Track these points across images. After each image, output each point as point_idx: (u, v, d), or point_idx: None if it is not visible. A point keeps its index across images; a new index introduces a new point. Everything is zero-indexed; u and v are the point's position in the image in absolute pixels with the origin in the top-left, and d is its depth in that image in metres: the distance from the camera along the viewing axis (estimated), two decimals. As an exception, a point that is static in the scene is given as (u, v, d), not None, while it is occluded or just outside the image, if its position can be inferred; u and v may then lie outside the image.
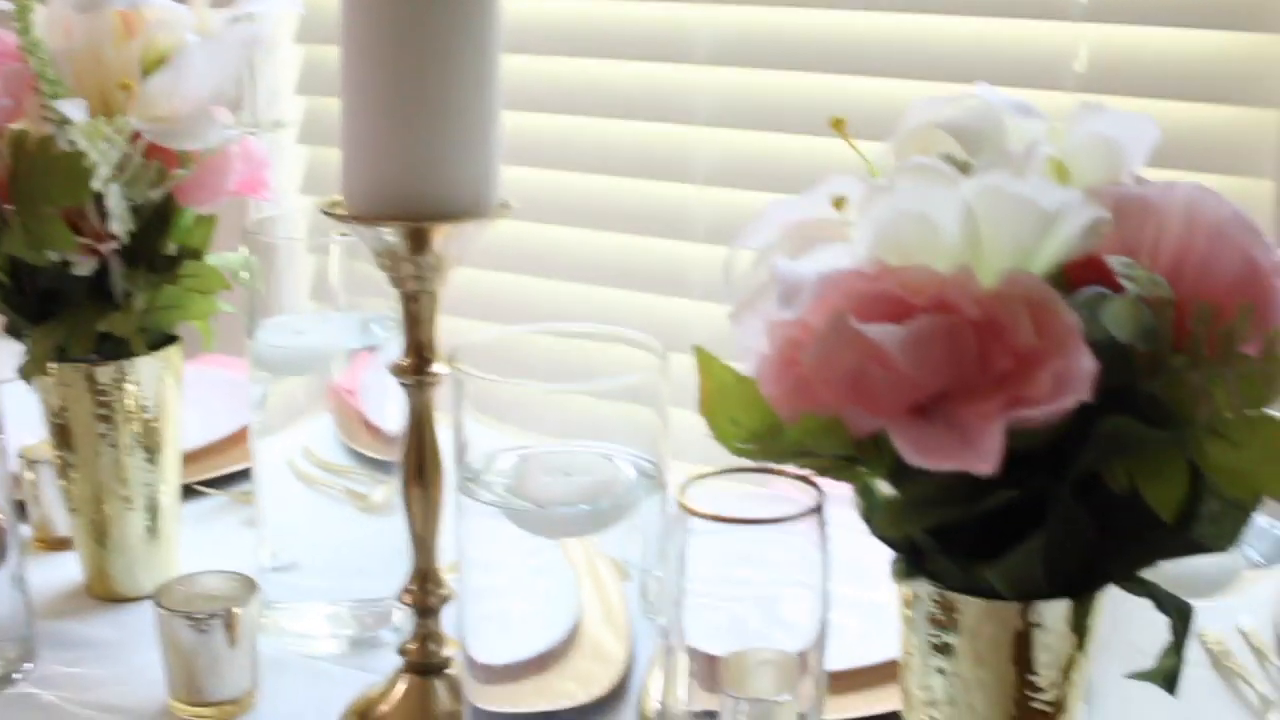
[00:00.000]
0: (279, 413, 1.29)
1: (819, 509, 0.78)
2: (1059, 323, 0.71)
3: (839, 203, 0.79)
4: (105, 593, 1.37)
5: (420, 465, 1.09)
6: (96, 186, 1.20)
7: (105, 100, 1.23)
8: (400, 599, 1.13)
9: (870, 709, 1.17)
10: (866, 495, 0.83)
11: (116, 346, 1.30)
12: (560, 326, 0.98)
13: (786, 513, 0.77)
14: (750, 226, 0.85)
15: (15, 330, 1.31)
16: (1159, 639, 0.82)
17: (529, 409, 0.95)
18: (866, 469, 0.77)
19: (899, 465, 0.73)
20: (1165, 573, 0.88)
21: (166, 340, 1.34)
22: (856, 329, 0.71)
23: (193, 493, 1.58)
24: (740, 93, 2.10)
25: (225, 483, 1.61)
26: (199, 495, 1.58)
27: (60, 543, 1.45)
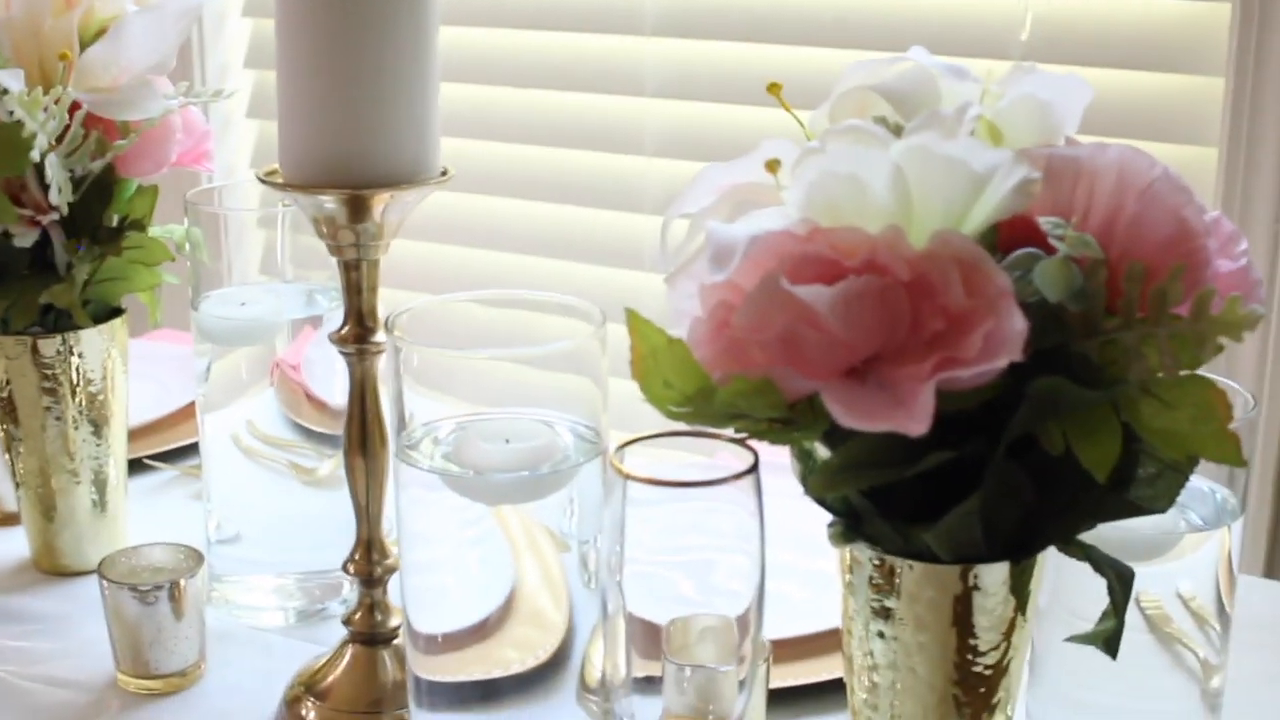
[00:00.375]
0: (223, 386, 1.29)
1: (753, 471, 0.78)
2: (990, 283, 0.71)
3: (772, 166, 0.79)
4: (53, 567, 1.37)
5: (363, 435, 1.08)
6: (36, 157, 1.20)
7: (44, 71, 1.22)
8: (345, 569, 1.12)
9: (816, 677, 1.18)
10: (804, 459, 0.83)
11: (60, 319, 1.30)
12: (498, 293, 0.98)
13: (720, 475, 0.77)
14: (686, 192, 0.85)
15: (-44, 302, 1.30)
16: (1100, 606, 0.82)
17: (469, 377, 0.94)
18: (801, 432, 0.76)
19: (833, 427, 0.73)
20: (1105, 537, 0.88)
21: (111, 313, 1.33)
22: (787, 290, 0.70)
23: (143, 467, 1.58)
24: (689, 64, 2.10)
25: (175, 457, 1.61)
26: (149, 469, 1.58)
27: (7, 517, 1.45)
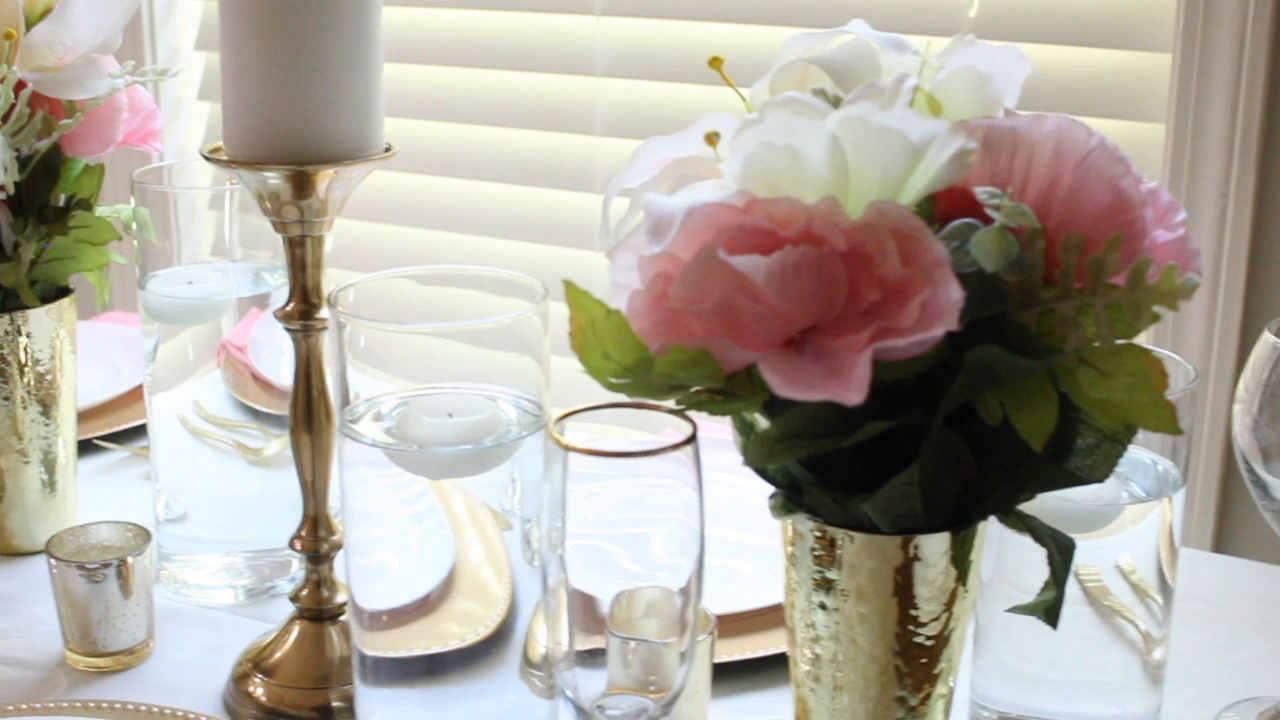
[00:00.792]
0: (170, 367, 1.29)
1: (691, 442, 0.78)
2: (926, 253, 0.71)
3: (711, 139, 0.79)
4: (3, 547, 1.37)
5: (308, 412, 1.08)
6: (-20, 136, 1.20)
7: (-11, 50, 1.22)
8: (292, 546, 1.12)
9: (763, 650, 1.18)
10: (745, 430, 0.83)
11: (8, 299, 1.30)
12: (439, 269, 0.98)
13: (661, 445, 0.77)
14: (627, 167, 0.85)
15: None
16: (1042, 578, 0.82)
17: (413, 354, 0.94)
18: (740, 403, 0.77)
19: (773, 398, 0.74)
20: (1047, 508, 0.88)
21: (59, 293, 1.33)
22: (724, 261, 0.71)
23: (94, 448, 1.58)
24: (639, 43, 2.10)
25: (126, 438, 1.61)
26: (100, 450, 1.58)
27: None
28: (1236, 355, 1.71)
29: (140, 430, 1.59)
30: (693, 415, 0.79)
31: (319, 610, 1.13)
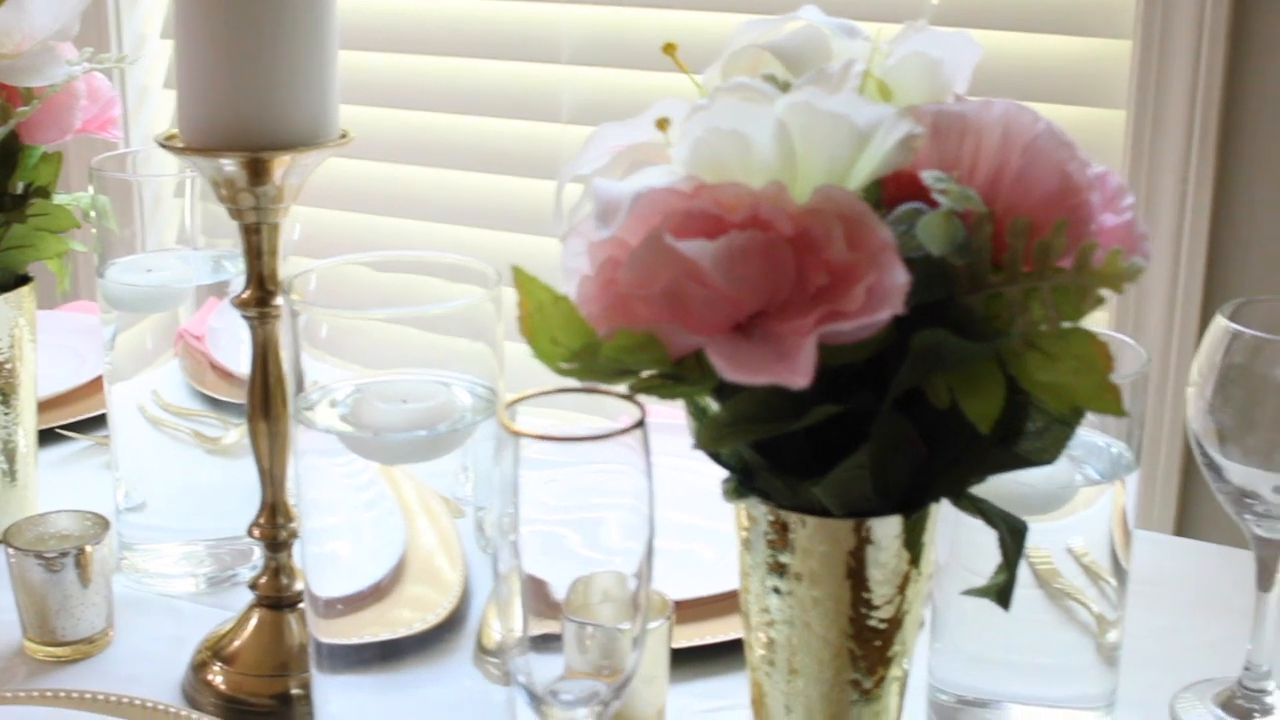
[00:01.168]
0: (129, 356, 1.29)
1: (640, 425, 0.78)
2: (872, 237, 0.72)
3: (662, 124, 0.79)
4: (-38, 536, 1.36)
5: (265, 399, 1.08)
6: (-63, 124, 1.19)
7: (-55, 37, 1.22)
8: (250, 533, 1.12)
9: (724, 635, 1.19)
10: (698, 415, 0.84)
11: (-34, 288, 1.29)
12: (393, 255, 0.98)
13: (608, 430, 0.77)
14: (581, 153, 0.85)
15: None
16: (997, 561, 0.83)
17: (367, 341, 0.94)
18: (690, 387, 0.77)
19: (723, 383, 0.74)
20: (1001, 491, 0.88)
21: (18, 281, 1.33)
22: (671, 245, 0.71)
23: (57, 437, 1.57)
24: (607, 31, 2.10)
25: (89, 427, 1.61)
26: (63, 439, 1.58)
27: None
28: (1196, 339, 1.71)
29: (103, 419, 1.59)
30: (649, 401, 0.80)
31: (278, 598, 1.13)
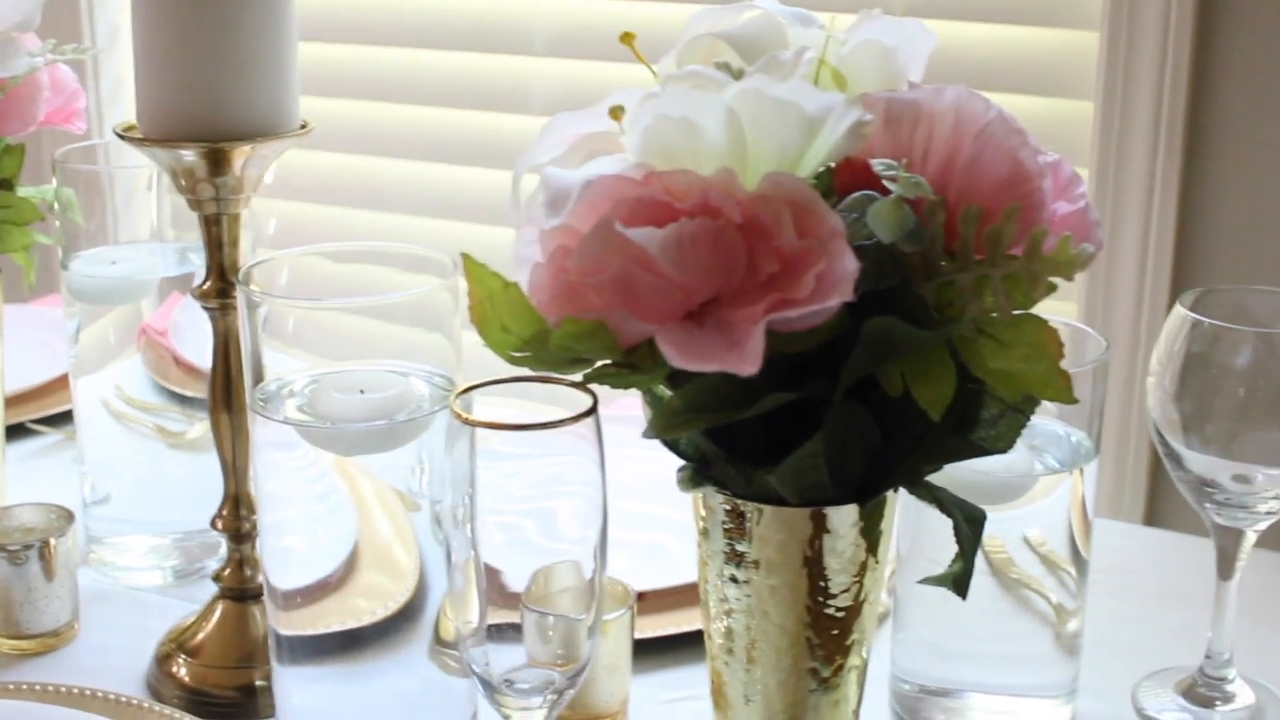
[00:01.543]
0: (92, 350, 1.29)
1: (592, 413, 0.78)
2: (822, 224, 0.72)
3: (615, 113, 0.79)
4: (-71, 530, 1.36)
5: (227, 390, 1.08)
6: (-103, 117, 1.19)
7: (-96, 29, 1.21)
8: (213, 525, 1.12)
9: (690, 625, 1.19)
10: (655, 404, 0.84)
11: (-71, 282, 1.29)
12: (350, 246, 0.98)
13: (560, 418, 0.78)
14: (537, 142, 0.85)
15: None
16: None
17: (325, 332, 0.94)
18: (642, 375, 0.77)
19: (676, 370, 0.74)
20: (960, 479, 0.89)
21: (-18, 274, 1.33)
22: (620, 233, 0.71)
23: (27, 431, 1.57)
24: (579, 22, 2.10)
25: (61, 421, 1.60)
26: (33, 434, 1.57)
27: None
28: (1165, 329, 1.72)
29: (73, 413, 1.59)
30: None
31: (241, 589, 1.13)
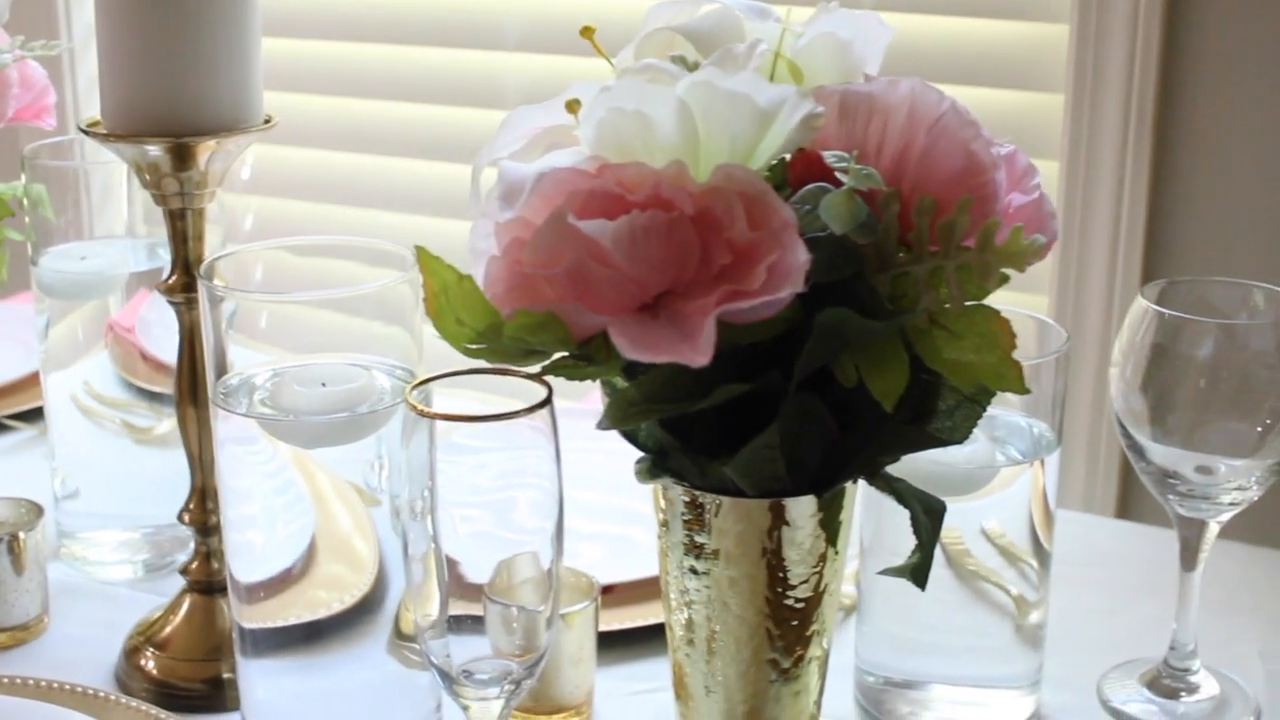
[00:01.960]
0: (61, 346, 1.29)
1: (546, 404, 0.78)
2: (773, 216, 0.72)
3: (572, 106, 0.80)
4: (-99, 525, 1.36)
5: (193, 384, 1.08)
6: None
7: None
8: (180, 519, 1.13)
9: (655, 618, 1.19)
10: (613, 394, 0.84)
11: (-99, 278, 1.29)
12: (312, 240, 0.98)
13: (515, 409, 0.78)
14: (497, 137, 0.86)
15: None
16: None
17: (287, 325, 0.95)
18: (597, 367, 0.77)
19: (631, 362, 0.74)
20: (922, 471, 0.89)
21: (-47, 271, 1.33)
22: (573, 225, 0.71)
23: (3, 427, 1.57)
24: (553, 17, 2.10)
25: (37, 416, 1.60)
26: (8, 430, 1.58)
27: None
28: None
29: (46, 409, 1.60)
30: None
31: (209, 582, 1.14)
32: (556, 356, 0.77)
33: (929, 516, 0.83)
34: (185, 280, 1.06)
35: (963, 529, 1.03)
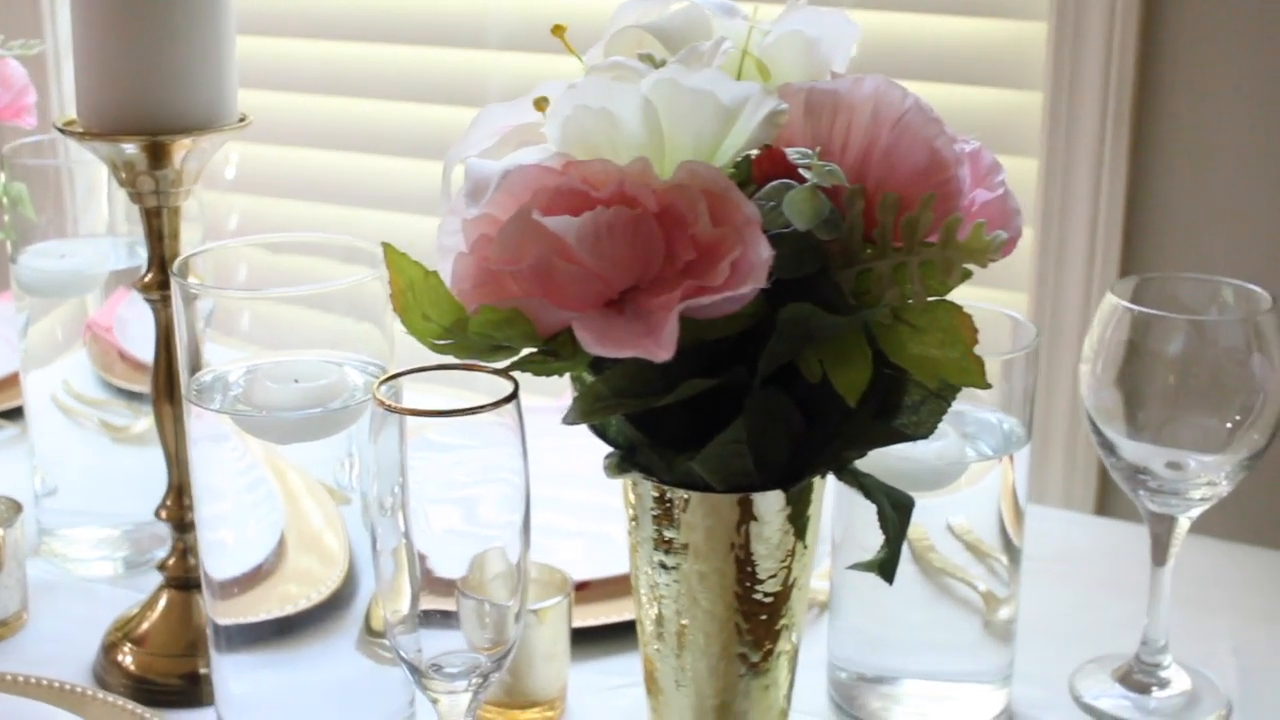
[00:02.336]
0: (41, 345, 1.29)
1: (512, 399, 0.79)
2: (737, 212, 0.73)
3: (540, 104, 0.80)
4: (-117, 523, 1.37)
5: (170, 382, 1.09)
6: None
7: None
8: (157, 515, 1.13)
9: (628, 614, 1.19)
10: (582, 389, 0.84)
11: (-117, 275, 1.30)
12: (285, 237, 0.98)
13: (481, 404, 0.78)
14: (467, 134, 0.86)
15: None
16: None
17: (261, 322, 0.95)
18: (564, 363, 0.78)
19: (598, 357, 0.75)
20: (892, 467, 0.90)
21: (-63, 269, 1.33)
22: (538, 221, 0.72)
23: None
24: (535, 16, 2.10)
25: (17, 415, 1.61)
26: (-9, 427, 1.59)
27: None
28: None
29: (31, 407, 1.60)
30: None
31: (186, 578, 1.14)
32: (524, 352, 0.78)
33: (896, 511, 0.84)
34: (161, 278, 1.07)
35: (930, 526, 1.04)
